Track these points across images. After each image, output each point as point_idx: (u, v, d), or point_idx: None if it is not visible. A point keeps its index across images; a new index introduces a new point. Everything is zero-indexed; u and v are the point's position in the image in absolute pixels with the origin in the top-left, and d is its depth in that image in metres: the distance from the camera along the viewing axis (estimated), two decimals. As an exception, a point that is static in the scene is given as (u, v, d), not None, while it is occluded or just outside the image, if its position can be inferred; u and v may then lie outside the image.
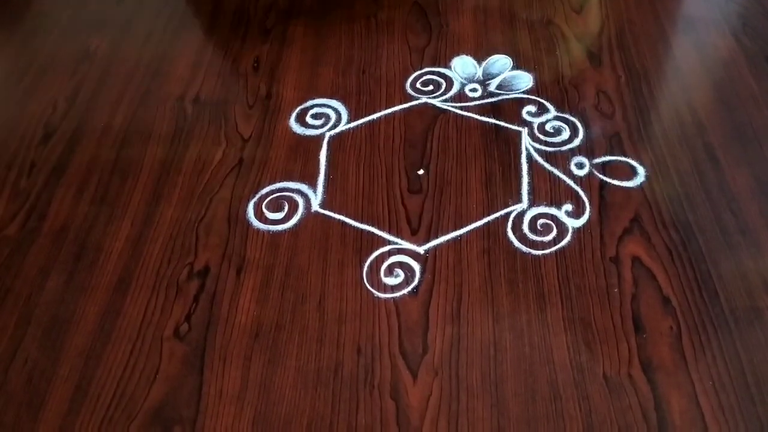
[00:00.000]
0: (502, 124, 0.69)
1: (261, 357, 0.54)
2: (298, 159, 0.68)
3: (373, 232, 0.61)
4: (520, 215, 0.61)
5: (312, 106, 0.73)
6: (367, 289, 0.57)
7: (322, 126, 0.71)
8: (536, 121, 0.69)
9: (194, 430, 0.50)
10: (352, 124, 0.71)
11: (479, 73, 0.75)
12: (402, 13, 0.84)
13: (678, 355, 0.52)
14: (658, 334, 0.53)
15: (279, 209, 0.64)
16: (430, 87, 0.74)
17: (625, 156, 0.65)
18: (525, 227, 0.61)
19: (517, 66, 0.75)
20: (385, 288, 0.57)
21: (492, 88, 0.73)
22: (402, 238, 0.61)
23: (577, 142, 0.67)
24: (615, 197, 0.62)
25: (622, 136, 0.67)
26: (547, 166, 0.65)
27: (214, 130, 0.72)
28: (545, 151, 0.66)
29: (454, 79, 0.75)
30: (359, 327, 0.55)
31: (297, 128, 0.71)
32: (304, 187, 0.66)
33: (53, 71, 0.82)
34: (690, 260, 0.57)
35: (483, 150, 0.67)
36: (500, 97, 0.72)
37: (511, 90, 0.73)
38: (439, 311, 0.56)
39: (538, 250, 0.59)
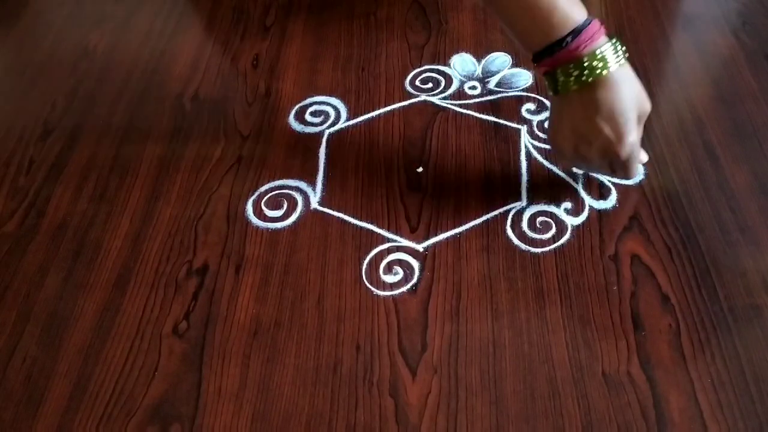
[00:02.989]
0: (502, 121, 0.69)
1: (260, 355, 0.54)
2: (297, 156, 0.68)
3: (372, 230, 0.61)
4: (519, 213, 0.61)
5: (311, 104, 0.73)
6: (366, 287, 0.57)
7: (321, 123, 0.71)
8: (535, 118, 0.69)
9: (193, 427, 0.50)
10: (352, 122, 0.71)
11: (478, 71, 0.75)
12: (401, 10, 0.84)
13: (677, 352, 0.52)
14: (657, 332, 0.53)
15: (278, 207, 0.64)
16: (430, 84, 0.74)
17: (625, 154, 0.65)
18: (524, 225, 0.61)
19: (516, 64, 0.75)
20: (384, 286, 0.57)
21: (491, 85, 0.73)
22: (401, 236, 0.61)
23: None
24: (614, 195, 0.62)
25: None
26: (546, 163, 0.65)
27: (213, 127, 0.72)
28: (544, 149, 0.66)
29: (453, 77, 0.75)
30: (358, 325, 0.55)
31: (296, 126, 0.71)
32: (303, 185, 0.66)
33: (52, 68, 0.82)
34: (689, 258, 0.57)
35: (482, 148, 0.67)
36: (499, 95, 0.72)
37: (511, 88, 0.73)
38: (438, 309, 0.56)
39: (537, 247, 0.59)
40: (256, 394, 0.52)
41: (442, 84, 0.74)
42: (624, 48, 0.52)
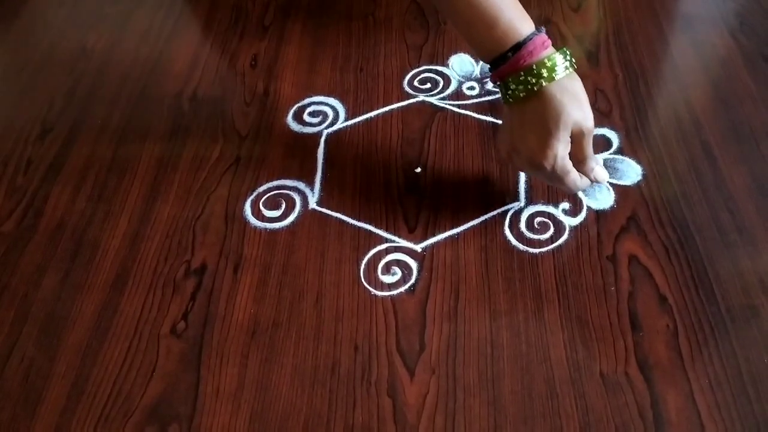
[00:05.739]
0: (500, 122, 0.69)
1: (258, 355, 0.54)
2: (296, 157, 0.68)
3: (370, 230, 0.61)
4: (518, 213, 0.62)
5: (309, 104, 0.73)
6: (365, 287, 0.57)
7: (319, 124, 0.71)
8: (534, 119, 0.69)
9: (191, 427, 0.50)
10: (350, 122, 0.71)
11: (477, 72, 0.75)
12: (400, 10, 0.84)
13: (674, 353, 0.52)
14: (655, 333, 0.53)
15: (276, 207, 0.64)
16: (428, 85, 0.74)
17: (623, 154, 0.66)
18: (522, 225, 0.61)
19: (514, 64, 0.75)
20: (383, 286, 0.58)
21: (489, 86, 0.73)
22: (399, 236, 0.61)
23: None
24: (612, 196, 0.62)
25: (619, 135, 0.67)
26: (544, 164, 0.65)
27: (212, 127, 0.72)
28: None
29: (451, 77, 0.75)
30: (356, 325, 0.55)
31: (294, 126, 0.71)
32: (301, 185, 0.66)
33: (50, 68, 0.81)
34: (687, 259, 0.57)
35: (480, 148, 0.67)
36: (498, 96, 0.72)
37: (509, 88, 0.73)
38: (436, 309, 0.56)
39: (535, 248, 0.59)
40: (254, 395, 0.52)
41: (441, 84, 0.74)
42: (573, 60, 0.53)
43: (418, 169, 0.66)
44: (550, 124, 0.52)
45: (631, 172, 0.64)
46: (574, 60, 0.53)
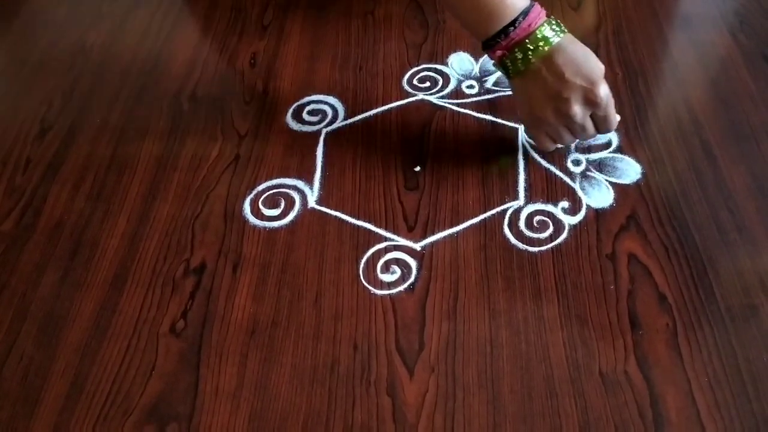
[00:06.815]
0: (499, 120, 0.69)
1: (257, 354, 0.54)
2: (295, 155, 0.68)
3: (369, 229, 0.61)
4: (517, 212, 0.61)
5: (309, 103, 0.73)
6: (364, 286, 0.57)
7: (318, 122, 0.71)
8: (533, 118, 0.69)
9: (190, 426, 0.50)
10: (349, 121, 0.71)
11: (476, 70, 0.75)
12: (399, 9, 0.84)
13: (674, 352, 0.52)
14: (654, 331, 0.53)
15: (275, 206, 0.64)
16: (427, 83, 0.74)
17: (622, 153, 0.65)
18: (521, 224, 0.61)
19: (514, 63, 0.75)
20: (382, 285, 0.57)
21: (489, 84, 0.73)
22: (399, 235, 0.61)
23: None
24: (612, 194, 0.62)
25: (619, 134, 0.67)
26: (543, 163, 0.65)
27: (211, 126, 0.72)
28: (542, 148, 0.66)
29: (450, 76, 0.75)
30: (355, 324, 0.55)
31: (293, 124, 0.71)
32: (300, 184, 0.65)
33: (49, 67, 0.81)
34: (686, 257, 0.57)
35: (480, 147, 0.67)
36: (497, 94, 0.72)
37: (508, 87, 0.73)
38: (436, 308, 0.56)
39: (534, 246, 0.59)
40: (253, 394, 0.52)
41: (440, 83, 0.74)
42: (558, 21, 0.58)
43: (418, 168, 0.66)
44: (589, 61, 0.56)
45: (631, 170, 0.64)
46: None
